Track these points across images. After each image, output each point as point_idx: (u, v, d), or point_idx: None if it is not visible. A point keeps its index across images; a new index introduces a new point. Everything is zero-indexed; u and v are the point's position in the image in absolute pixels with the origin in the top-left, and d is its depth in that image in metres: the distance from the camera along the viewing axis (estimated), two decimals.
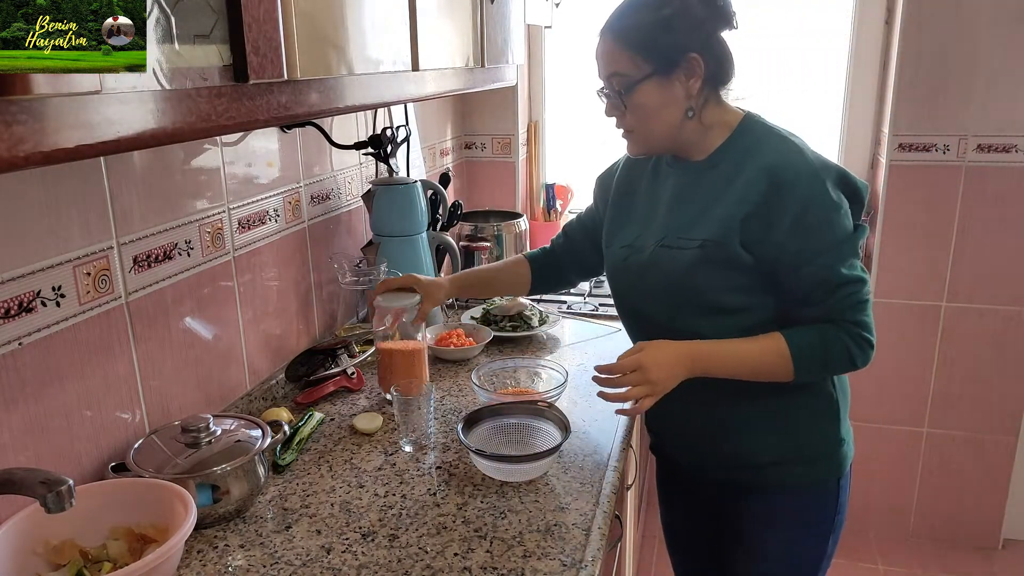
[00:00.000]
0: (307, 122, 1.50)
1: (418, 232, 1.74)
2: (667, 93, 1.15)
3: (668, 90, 1.15)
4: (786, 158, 1.14)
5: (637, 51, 1.13)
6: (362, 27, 0.98)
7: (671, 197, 1.24)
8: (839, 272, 1.13)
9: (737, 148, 1.19)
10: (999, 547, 2.53)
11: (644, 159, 1.33)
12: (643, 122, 1.18)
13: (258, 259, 1.44)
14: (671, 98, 1.16)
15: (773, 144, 1.17)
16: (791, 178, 1.11)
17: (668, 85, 1.15)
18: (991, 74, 2.15)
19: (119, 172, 1.09)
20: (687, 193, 1.22)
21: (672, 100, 1.16)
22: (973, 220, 2.28)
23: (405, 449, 1.28)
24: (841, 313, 1.14)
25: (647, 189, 1.31)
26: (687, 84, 1.15)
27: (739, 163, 1.16)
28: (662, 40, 1.13)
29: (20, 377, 0.96)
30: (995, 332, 2.35)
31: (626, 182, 1.35)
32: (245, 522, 1.08)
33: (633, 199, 1.33)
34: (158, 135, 0.65)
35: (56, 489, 0.75)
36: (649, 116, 1.17)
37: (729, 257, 1.15)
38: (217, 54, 0.70)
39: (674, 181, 1.25)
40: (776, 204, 1.11)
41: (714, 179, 1.18)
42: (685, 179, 1.23)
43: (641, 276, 1.25)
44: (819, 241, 1.12)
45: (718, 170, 1.19)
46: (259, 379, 1.46)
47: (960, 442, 2.47)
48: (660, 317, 1.24)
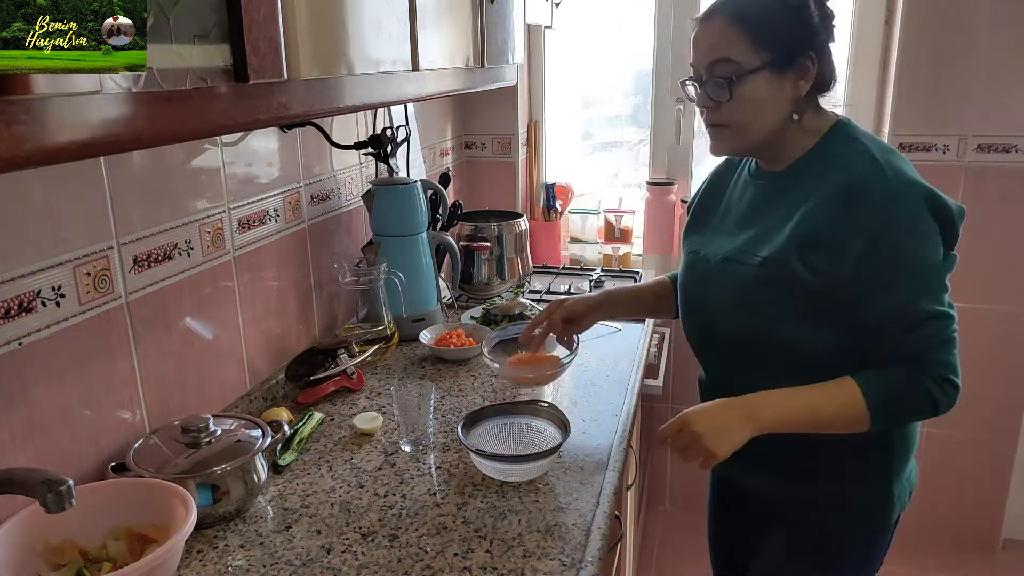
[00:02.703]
0: (307, 122, 1.50)
1: (418, 232, 1.74)
2: (777, 90, 1.08)
3: (778, 87, 1.08)
4: (865, 174, 1.05)
5: (756, 38, 1.06)
6: (362, 27, 0.98)
7: (747, 208, 1.19)
8: (921, 306, 1.03)
9: (820, 159, 1.12)
10: (999, 547, 2.54)
11: (734, 165, 1.28)
12: (744, 117, 1.10)
13: (258, 259, 1.44)
14: (779, 96, 1.09)
15: (855, 157, 1.08)
16: (866, 197, 1.03)
17: (780, 82, 1.08)
18: (991, 74, 2.15)
19: (119, 172, 1.09)
20: (762, 205, 1.16)
21: (780, 98, 1.09)
22: (973, 220, 2.26)
23: (405, 449, 1.28)
24: (923, 353, 1.04)
25: (728, 197, 1.25)
26: (797, 85, 1.09)
27: (819, 176, 1.10)
28: (785, 32, 1.06)
29: (20, 377, 0.96)
30: (995, 332, 2.35)
31: (713, 189, 1.31)
32: (245, 522, 1.08)
33: (712, 206, 1.28)
34: (158, 135, 0.65)
35: (56, 489, 0.75)
36: (753, 112, 1.09)
37: (791, 279, 1.07)
38: (217, 54, 0.70)
39: (753, 192, 1.20)
40: (848, 226, 1.03)
41: (790, 191, 1.12)
42: (763, 190, 1.18)
43: (705, 289, 1.21)
44: (897, 271, 1.03)
45: (796, 182, 1.12)
46: (259, 379, 1.46)
47: (960, 442, 2.46)
48: (723, 342, 1.19)
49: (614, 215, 2.56)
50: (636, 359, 1.67)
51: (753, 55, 1.06)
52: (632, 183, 2.74)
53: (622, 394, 1.50)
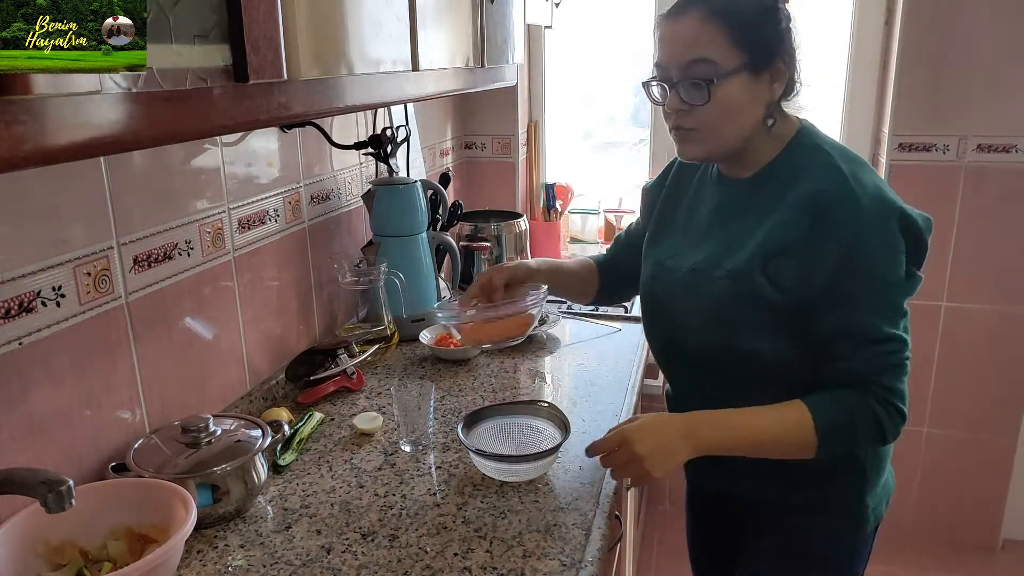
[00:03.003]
0: (307, 122, 1.50)
1: (418, 232, 1.74)
2: (753, 93, 1.03)
3: (755, 90, 1.03)
4: (832, 187, 1.01)
5: (735, 37, 1.00)
6: (362, 27, 0.98)
7: (712, 216, 1.14)
8: (877, 326, 0.99)
9: (785, 168, 1.07)
10: (999, 547, 2.53)
11: (692, 169, 1.22)
12: (719, 122, 1.04)
13: (258, 259, 1.44)
14: (755, 100, 1.04)
15: (821, 170, 1.04)
16: (834, 212, 0.99)
17: (756, 84, 1.03)
18: (991, 74, 2.15)
19: (119, 172, 1.09)
20: (727, 214, 1.12)
21: (755, 102, 1.04)
22: (973, 220, 2.28)
23: (405, 449, 1.28)
24: (874, 376, 1.00)
25: (690, 203, 1.20)
26: (771, 88, 1.05)
27: (785, 184, 1.05)
28: (761, 32, 1.02)
29: (20, 377, 0.96)
30: (995, 332, 2.35)
31: (673, 192, 1.24)
32: (245, 522, 1.08)
33: (675, 214, 1.22)
34: (158, 135, 0.65)
35: (56, 489, 0.75)
36: (728, 115, 1.03)
37: (757, 293, 1.04)
38: (217, 54, 0.70)
39: (719, 199, 1.14)
40: (816, 241, 1.00)
41: (756, 201, 1.08)
42: (728, 198, 1.13)
43: (671, 302, 1.16)
44: (858, 287, 0.99)
45: (763, 191, 1.08)
46: (259, 379, 1.46)
47: (960, 442, 2.46)
48: (691, 356, 1.15)
49: (614, 215, 2.56)
50: (636, 359, 1.67)
51: (732, 55, 1.01)
52: (632, 183, 2.74)
53: (622, 394, 1.50)
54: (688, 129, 1.06)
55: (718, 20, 1.00)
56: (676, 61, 1.03)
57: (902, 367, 1.01)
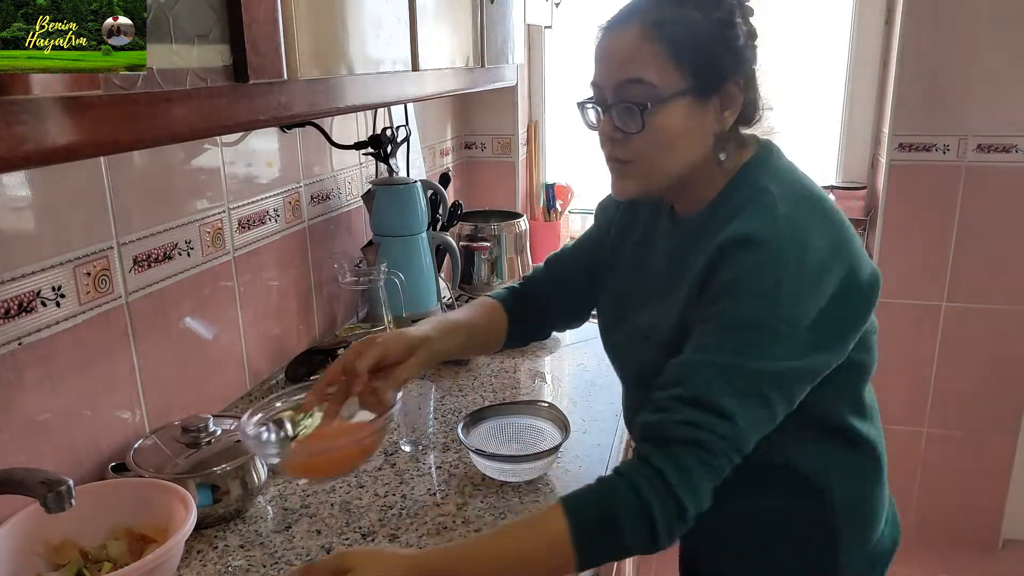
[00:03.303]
0: (307, 122, 1.50)
1: (418, 232, 1.74)
2: (698, 122, 0.88)
3: (700, 118, 0.88)
4: (751, 227, 0.83)
5: (677, 55, 0.85)
6: (362, 27, 0.98)
7: (660, 263, 0.99)
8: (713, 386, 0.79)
9: (723, 206, 0.90)
10: (999, 547, 2.54)
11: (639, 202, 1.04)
12: (657, 153, 0.89)
13: (258, 259, 1.44)
14: (700, 129, 0.89)
15: (756, 210, 0.86)
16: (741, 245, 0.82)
17: (702, 111, 0.88)
18: (991, 74, 2.15)
19: (119, 172, 1.09)
20: (673, 263, 0.96)
21: (701, 132, 0.89)
22: (973, 220, 2.28)
23: (405, 449, 1.28)
24: (677, 450, 0.78)
25: (642, 240, 1.04)
26: (721, 116, 0.89)
27: (719, 228, 0.87)
28: (711, 50, 0.86)
29: (20, 377, 0.96)
30: (995, 332, 2.35)
31: (627, 224, 1.08)
32: (245, 522, 1.08)
33: (623, 252, 1.07)
34: (158, 135, 0.65)
35: (56, 489, 0.75)
36: (668, 146, 0.88)
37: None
38: (217, 54, 0.70)
39: (668, 242, 0.99)
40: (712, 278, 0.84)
41: (696, 247, 0.91)
42: (676, 241, 0.97)
43: (615, 357, 1.06)
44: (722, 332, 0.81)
45: (700, 236, 0.91)
46: (259, 379, 1.46)
47: (960, 442, 2.47)
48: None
49: None
50: None
51: (673, 76, 0.85)
52: None
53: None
54: (623, 161, 0.91)
55: (658, 35, 0.85)
56: (610, 81, 0.88)
57: (717, 466, 0.78)
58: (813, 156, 2.54)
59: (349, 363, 0.93)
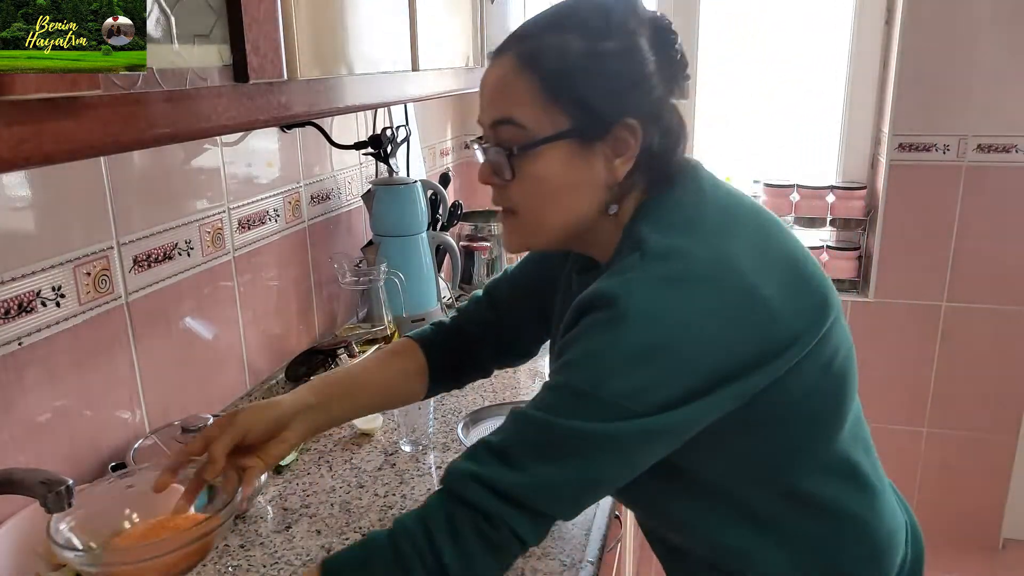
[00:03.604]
0: (307, 122, 1.50)
1: (418, 232, 1.74)
2: (580, 170, 0.75)
3: (583, 165, 0.75)
4: (605, 284, 0.72)
5: (553, 93, 0.73)
6: (362, 27, 0.98)
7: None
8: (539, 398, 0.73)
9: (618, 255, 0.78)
10: (999, 547, 2.54)
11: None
12: (536, 205, 0.78)
13: (258, 259, 1.44)
14: (585, 178, 0.76)
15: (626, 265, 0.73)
16: (588, 306, 0.73)
17: (586, 157, 0.75)
18: (991, 74, 2.15)
19: (119, 172, 1.09)
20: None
21: (586, 181, 0.76)
22: (973, 220, 2.28)
23: (405, 449, 1.28)
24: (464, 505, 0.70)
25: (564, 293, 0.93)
26: (612, 163, 0.75)
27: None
28: (596, 86, 0.73)
29: (20, 377, 0.96)
30: (995, 332, 2.35)
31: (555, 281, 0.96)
32: (245, 522, 1.08)
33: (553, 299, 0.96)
34: (158, 135, 0.65)
35: (56, 489, 0.74)
36: (548, 198, 0.77)
37: None
38: (217, 54, 0.70)
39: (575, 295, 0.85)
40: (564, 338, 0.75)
41: None
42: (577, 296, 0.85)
43: None
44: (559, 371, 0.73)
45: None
46: (259, 379, 1.46)
47: (960, 442, 2.47)
48: None
49: None
50: None
51: (547, 117, 0.74)
52: None
53: None
54: (506, 210, 0.81)
55: (531, 67, 0.74)
56: (485, 119, 0.78)
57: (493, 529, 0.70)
58: (812, 157, 2.55)
59: (214, 437, 0.82)
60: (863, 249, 2.47)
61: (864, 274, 2.46)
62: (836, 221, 2.47)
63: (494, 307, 1.03)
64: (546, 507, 0.72)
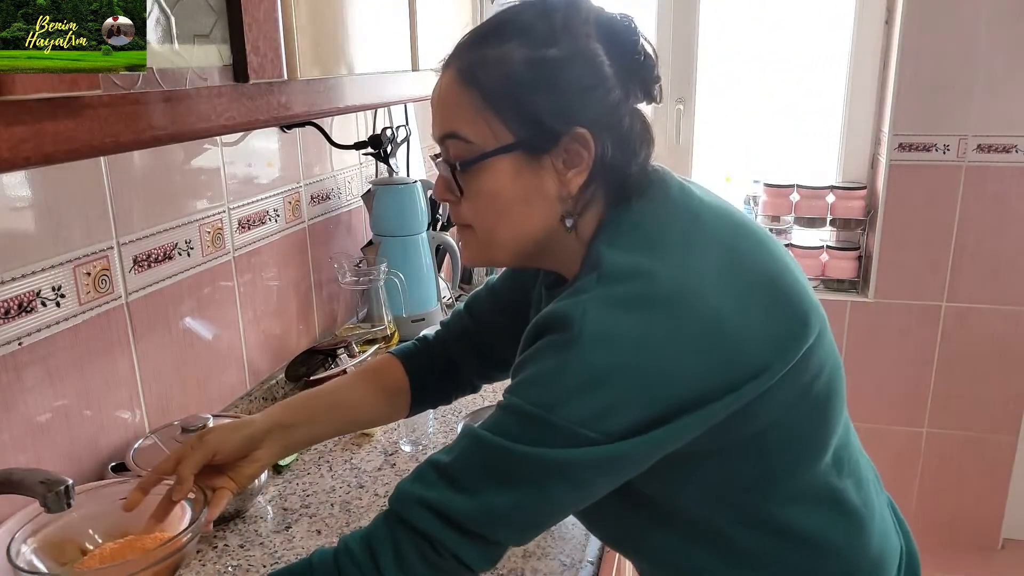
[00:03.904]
0: (307, 122, 1.50)
1: (418, 232, 1.74)
2: (530, 183, 0.72)
3: (532, 179, 0.72)
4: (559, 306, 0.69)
5: (495, 105, 0.70)
6: (362, 27, 0.98)
7: None
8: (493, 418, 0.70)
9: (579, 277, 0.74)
10: (999, 547, 2.54)
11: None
12: (488, 220, 0.75)
13: (258, 259, 1.44)
14: (535, 191, 0.73)
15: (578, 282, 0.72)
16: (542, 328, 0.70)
17: (535, 171, 0.72)
18: (991, 74, 2.15)
19: (119, 172, 1.09)
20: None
21: (536, 195, 0.73)
22: (973, 220, 2.28)
23: (405, 449, 1.28)
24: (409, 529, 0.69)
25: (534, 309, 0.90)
26: (564, 176, 0.72)
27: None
28: (539, 97, 0.70)
29: (20, 377, 0.96)
30: (995, 332, 2.35)
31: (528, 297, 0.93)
32: (245, 522, 1.08)
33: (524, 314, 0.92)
34: (158, 135, 0.65)
35: (56, 489, 0.74)
36: (499, 213, 0.74)
37: None
38: (217, 54, 0.70)
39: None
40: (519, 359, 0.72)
41: None
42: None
43: None
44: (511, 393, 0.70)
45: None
46: (259, 379, 1.46)
47: (960, 442, 2.47)
48: None
49: None
50: None
51: (491, 130, 0.71)
52: None
53: None
54: (462, 226, 0.79)
55: (472, 80, 0.71)
56: (435, 134, 0.76)
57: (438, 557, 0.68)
58: (812, 157, 2.55)
59: (175, 462, 0.81)
60: (863, 249, 2.47)
61: (864, 274, 2.46)
62: (836, 221, 2.47)
63: (475, 321, 1.01)
64: (495, 535, 0.69)
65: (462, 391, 1.05)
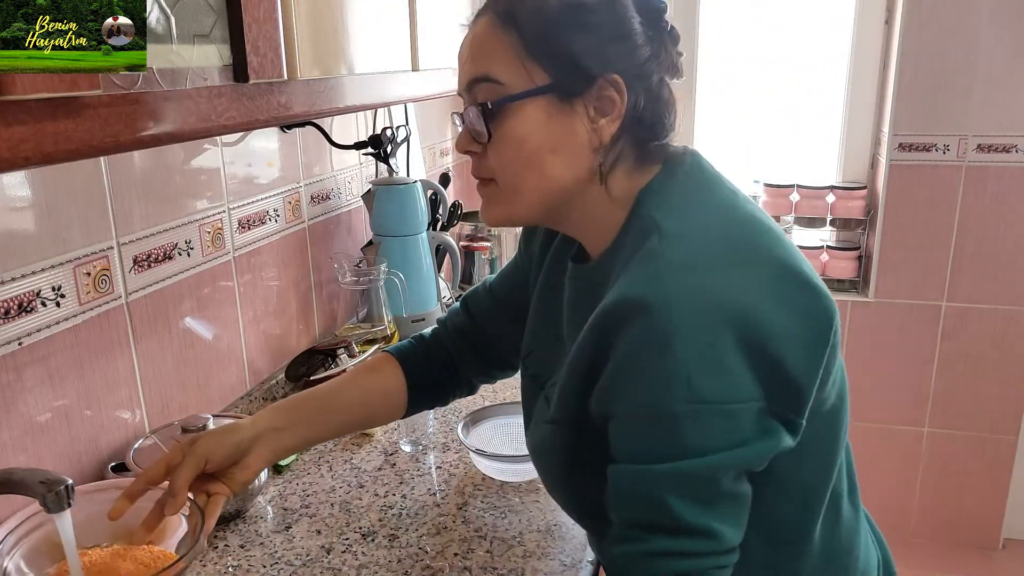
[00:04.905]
0: (307, 122, 1.50)
1: (418, 232, 1.74)
2: (560, 128, 0.71)
3: (563, 123, 0.71)
4: (638, 285, 0.64)
5: (530, 47, 0.70)
6: (362, 27, 0.98)
7: (565, 314, 0.83)
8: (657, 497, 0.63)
9: (622, 251, 0.72)
10: (999, 547, 2.54)
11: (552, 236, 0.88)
12: (514, 168, 0.73)
13: (258, 259, 1.44)
14: (566, 138, 0.71)
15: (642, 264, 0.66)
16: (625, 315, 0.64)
17: (565, 115, 0.70)
18: (991, 74, 2.15)
19: (119, 172, 1.09)
20: (572, 319, 0.81)
21: (568, 142, 0.71)
22: (973, 220, 2.28)
23: (405, 449, 1.28)
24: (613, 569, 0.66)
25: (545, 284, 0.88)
26: (596, 123, 0.71)
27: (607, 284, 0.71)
28: (576, 38, 0.69)
29: (20, 377, 0.96)
30: (995, 332, 2.35)
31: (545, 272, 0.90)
32: (245, 522, 1.08)
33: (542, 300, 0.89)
34: (158, 135, 0.65)
35: (56, 489, 0.74)
36: (527, 161, 0.72)
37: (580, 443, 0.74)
38: (217, 54, 0.70)
39: (569, 292, 0.82)
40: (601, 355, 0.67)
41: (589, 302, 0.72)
42: (576, 292, 0.80)
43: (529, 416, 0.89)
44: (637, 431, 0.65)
45: (597, 287, 0.73)
46: (259, 379, 1.46)
47: (960, 442, 2.47)
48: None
49: None
50: None
51: (525, 72, 0.70)
52: None
53: None
54: (484, 181, 0.76)
55: (509, 24, 0.70)
56: (462, 82, 0.75)
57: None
58: (812, 157, 2.55)
59: (165, 468, 0.78)
60: (863, 249, 2.47)
61: (864, 274, 2.46)
62: (836, 221, 2.47)
63: (472, 318, 1.00)
64: (734, 544, 0.65)
65: (460, 391, 1.04)
